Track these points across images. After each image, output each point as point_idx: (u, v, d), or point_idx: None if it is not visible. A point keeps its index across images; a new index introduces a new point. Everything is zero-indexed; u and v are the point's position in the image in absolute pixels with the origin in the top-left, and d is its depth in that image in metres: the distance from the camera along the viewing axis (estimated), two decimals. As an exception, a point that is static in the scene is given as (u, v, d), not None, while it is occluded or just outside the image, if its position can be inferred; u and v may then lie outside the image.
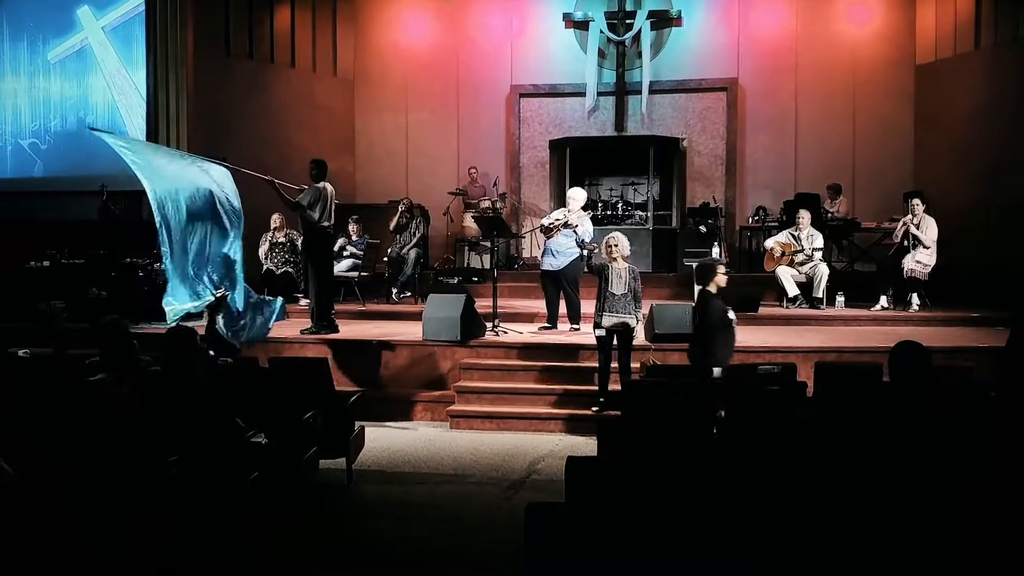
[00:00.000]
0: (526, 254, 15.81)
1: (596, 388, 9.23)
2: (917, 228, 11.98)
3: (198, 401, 5.58)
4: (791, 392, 6.41)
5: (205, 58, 14.18)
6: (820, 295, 12.20)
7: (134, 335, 6.44)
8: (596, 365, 9.22)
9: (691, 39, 16.12)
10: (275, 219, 13.05)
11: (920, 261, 11.93)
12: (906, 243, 12.06)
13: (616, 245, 8.98)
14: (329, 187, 10.47)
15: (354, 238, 13.43)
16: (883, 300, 12.10)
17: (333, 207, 10.56)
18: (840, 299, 12.26)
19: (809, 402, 6.42)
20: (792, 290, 12.31)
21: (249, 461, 5.54)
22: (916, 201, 12.19)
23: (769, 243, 12.94)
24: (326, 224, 10.45)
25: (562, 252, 10.78)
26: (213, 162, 9.68)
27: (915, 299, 12.00)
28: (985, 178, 13.94)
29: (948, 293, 12.45)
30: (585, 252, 10.46)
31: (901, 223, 12.28)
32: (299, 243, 12.07)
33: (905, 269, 11.98)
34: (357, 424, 7.72)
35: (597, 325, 8.98)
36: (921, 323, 11.44)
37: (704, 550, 3.53)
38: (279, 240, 13.21)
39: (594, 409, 9.14)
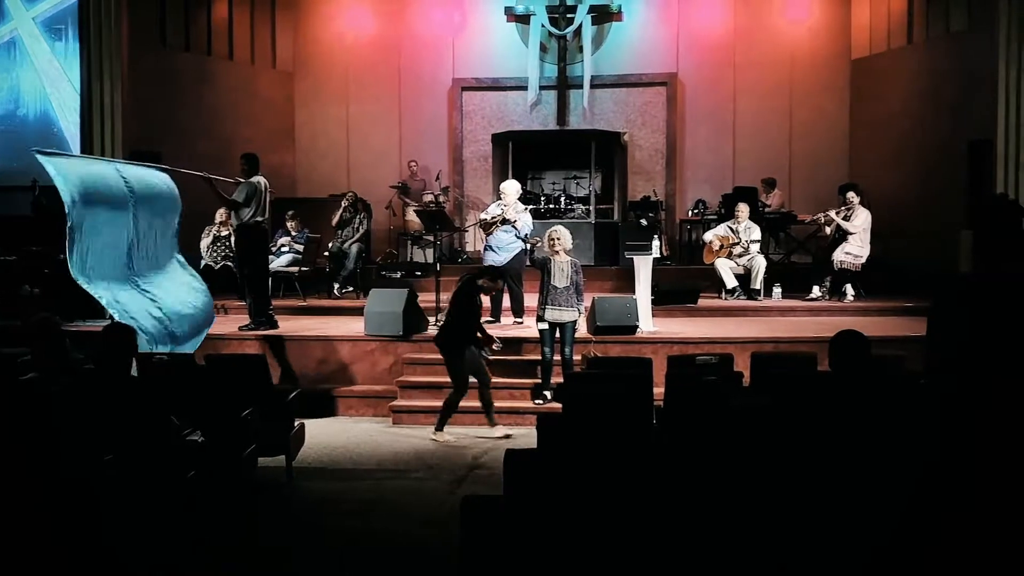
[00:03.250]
0: (470, 248, 15.80)
1: (539, 381, 9.28)
2: (847, 220, 12.21)
3: (133, 399, 5.49)
4: (728, 382, 6.50)
5: (140, 50, 13.94)
6: (757, 287, 12.40)
7: (67, 333, 6.31)
8: (539, 358, 9.26)
9: (631, 34, 16.21)
10: (220, 212, 12.89)
11: (850, 252, 12.16)
12: (837, 235, 12.30)
13: (559, 239, 9.01)
14: (263, 181, 10.37)
15: (293, 233, 13.31)
16: (816, 291, 12.33)
17: (268, 202, 10.45)
18: (777, 290, 12.46)
19: (745, 391, 6.51)
20: (730, 282, 12.48)
21: (186, 460, 5.47)
22: (851, 194, 12.41)
23: (708, 236, 13.09)
24: (260, 219, 10.34)
25: (504, 247, 10.78)
26: (146, 166, 9.48)
27: (849, 290, 12.25)
28: (918, 171, 14.22)
29: (883, 283, 12.70)
30: (527, 246, 10.49)
31: (823, 216, 12.51)
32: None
33: (835, 261, 12.20)
34: (297, 421, 7.66)
35: (540, 319, 9.04)
36: (855, 313, 11.66)
37: (642, 540, 3.55)
38: (222, 234, 13.06)
39: (537, 402, 9.20)
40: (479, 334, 8.69)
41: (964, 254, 12.28)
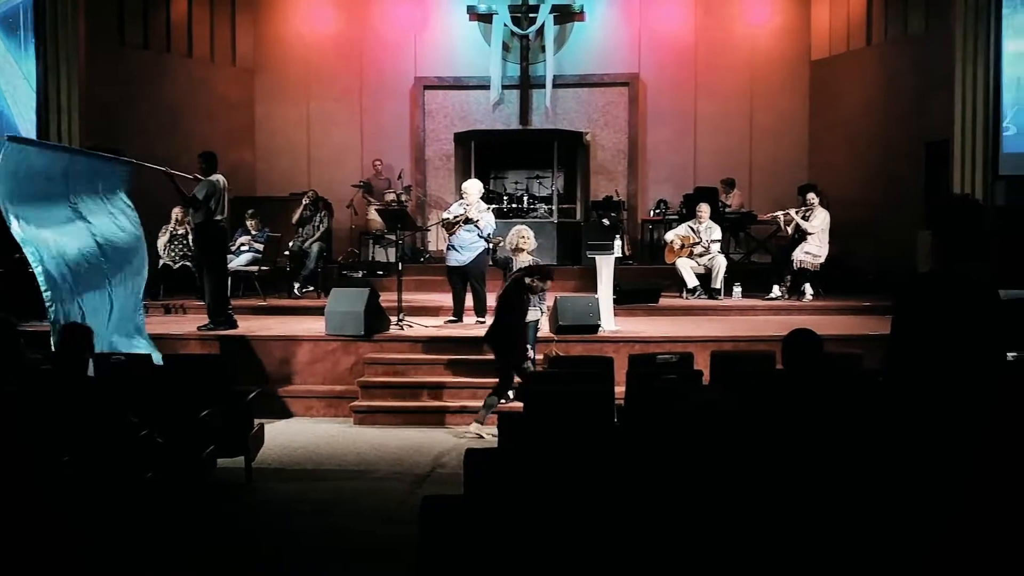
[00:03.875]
0: (432, 247, 15.76)
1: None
2: (806, 220, 12.33)
3: (90, 400, 5.43)
4: (688, 380, 6.55)
5: (98, 48, 13.75)
6: (718, 286, 12.50)
7: (23, 333, 6.23)
8: (502, 358, 9.26)
9: (594, 34, 16.25)
10: (177, 211, 12.77)
11: (809, 252, 12.29)
12: (796, 235, 12.42)
13: (525, 238, 9.04)
14: (222, 179, 10.28)
15: (253, 231, 13.20)
16: (776, 290, 12.44)
17: (226, 200, 10.37)
18: (737, 290, 12.56)
19: (704, 389, 6.56)
20: (691, 281, 12.56)
21: (144, 460, 5.41)
22: (811, 195, 12.53)
23: (669, 236, 13.16)
24: (219, 218, 10.26)
25: (466, 247, 10.78)
26: (107, 158, 9.36)
27: (808, 289, 12.37)
28: (877, 171, 14.38)
29: (841, 283, 12.84)
30: (489, 246, 10.49)
31: (783, 215, 12.63)
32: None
33: (795, 261, 12.32)
34: (256, 421, 7.60)
35: (502, 318, 9.02)
36: (814, 312, 11.77)
37: (601, 537, 3.56)
38: (180, 233, 12.94)
39: (500, 402, 9.17)
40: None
41: (922, 254, 12.44)
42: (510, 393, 9.07)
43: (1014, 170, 12.57)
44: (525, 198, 15.21)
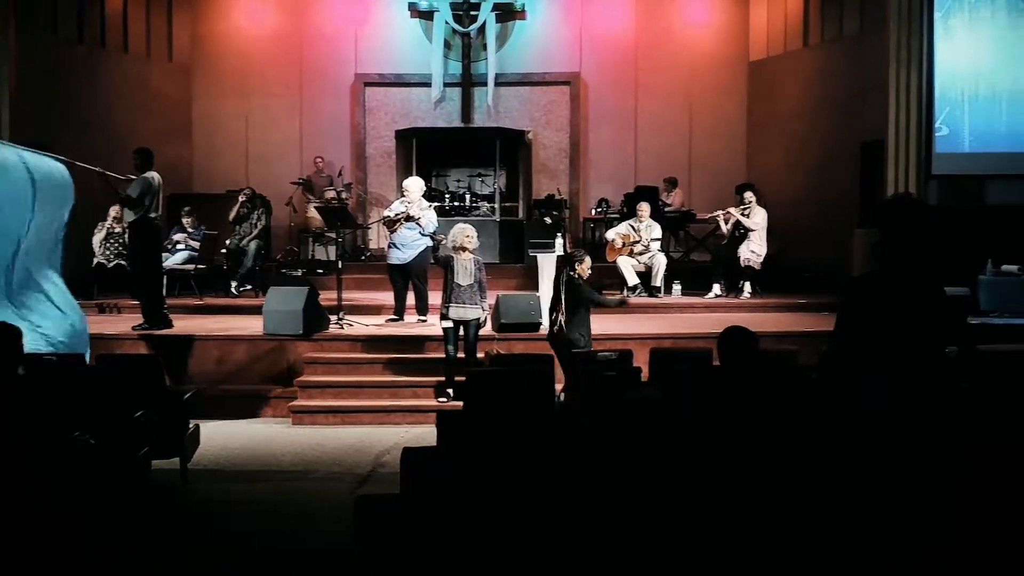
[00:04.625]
0: (373, 245, 15.65)
1: (443, 379, 9.25)
2: (746, 218, 12.47)
3: (20, 401, 5.29)
4: (627, 377, 6.58)
5: (30, 42, 13.40)
6: (658, 284, 12.60)
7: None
8: (443, 356, 9.22)
9: (535, 32, 16.27)
10: (114, 209, 12.54)
11: (753, 250, 12.43)
12: (737, 233, 12.55)
13: (468, 237, 9.01)
14: (157, 177, 10.12)
15: (189, 229, 13.00)
16: (716, 288, 12.56)
17: (161, 198, 10.22)
18: (677, 287, 12.67)
19: (642, 386, 6.61)
20: (632, 279, 12.63)
21: (76, 462, 5.30)
22: (749, 194, 12.67)
23: (610, 234, 13.22)
24: (154, 216, 10.10)
25: (408, 245, 10.73)
26: (42, 155, 9.12)
27: (747, 287, 12.52)
28: (813, 171, 14.58)
29: (778, 281, 13.00)
30: (432, 244, 10.45)
31: (723, 214, 12.76)
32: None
33: (742, 259, 12.45)
34: (192, 422, 7.48)
35: (444, 316, 9.01)
36: (752, 309, 11.91)
37: (539, 534, 3.56)
38: (116, 231, 12.72)
39: (441, 400, 9.17)
40: None
41: (857, 252, 12.64)
42: (450, 391, 9.07)
43: (946, 170, 12.83)
44: (467, 196, 15.19)
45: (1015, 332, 10.10)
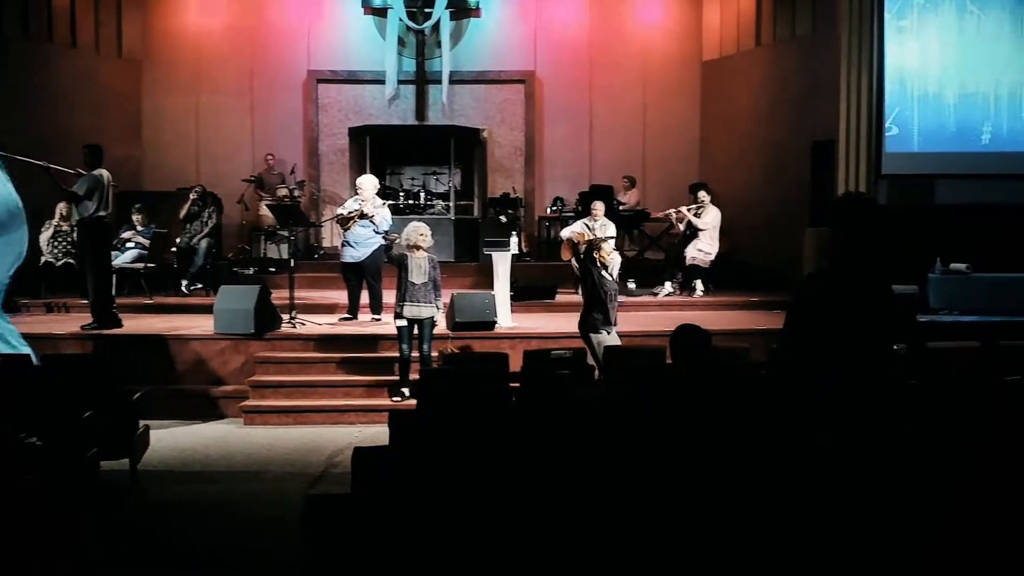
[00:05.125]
0: (327, 243, 15.55)
1: (397, 378, 9.21)
2: (697, 216, 12.55)
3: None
4: (580, 375, 6.59)
5: (-26, 35, 13.20)
6: (613, 282, 12.59)
7: None
8: (397, 355, 9.18)
9: (490, 31, 16.25)
10: (61, 206, 12.33)
11: (701, 249, 12.52)
12: (688, 232, 12.64)
13: (423, 235, 8.97)
14: (106, 174, 9.97)
15: (139, 227, 12.82)
16: (668, 286, 12.63)
17: (111, 195, 10.06)
18: (631, 285, 12.72)
19: (595, 383, 6.62)
20: (587, 278, 12.63)
21: (22, 464, 5.20)
22: (702, 193, 12.75)
23: (565, 233, 13.19)
24: (103, 214, 9.95)
25: (362, 243, 10.68)
26: None
27: (699, 285, 12.60)
28: (765, 169, 14.71)
29: (730, 279, 13.11)
30: (386, 242, 10.39)
31: (675, 212, 12.84)
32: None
33: (687, 257, 12.53)
34: (142, 423, 7.39)
35: (398, 315, 8.97)
36: (704, 307, 12.00)
37: (491, 533, 3.54)
38: (63, 229, 12.50)
39: (395, 399, 9.13)
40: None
41: (808, 251, 12.77)
42: (404, 390, 9.04)
43: (896, 170, 13.00)
44: (422, 194, 15.13)
45: (963, 330, 10.25)
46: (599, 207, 13.04)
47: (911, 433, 4.12)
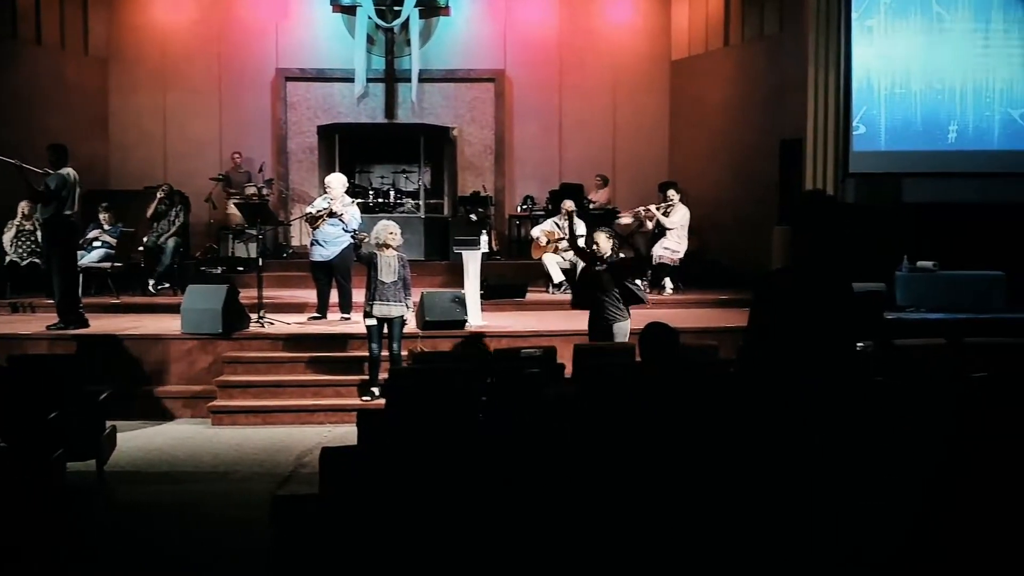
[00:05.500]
0: (295, 242, 15.47)
1: (367, 378, 9.18)
2: (666, 216, 12.61)
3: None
4: (550, 373, 6.59)
5: (-64, 32, 13.01)
6: (583, 281, 12.62)
7: None
8: (367, 354, 9.15)
9: (459, 29, 16.22)
10: (23, 205, 12.19)
11: (668, 247, 12.58)
12: (657, 230, 12.69)
13: (392, 234, 8.95)
14: (73, 173, 9.87)
15: (106, 226, 12.69)
16: (638, 284, 12.63)
17: (77, 194, 9.96)
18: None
19: (565, 381, 6.62)
20: (557, 276, 12.68)
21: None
22: (671, 192, 12.80)
23: (535, 232, 13.26)
24: (69, 213, 9.85)
25: (331, 242, 10.63)
26: None
27: (668, 283, 12.65)
28: (734, 168, 14.78)
29: (700, 277, 13.16)
30: (355, 241, 10.35)
31: (643, 210, 12.89)
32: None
33: (654, 256, 12.58)
34: (109, 423, 7.32)
35: (367, 314, 8.93)
36: (674, 305, 12.04)
37: (460, 532, 3.53)
38: (27, 228, 12.36)
39: (365, 399, 9.10)
40: None
41: (777, 248, 12.85)
42: (374, 390, 9.00)
43: (864, 168, 13.11)
44: (391, 193, 15.09)
45: (930, 327, 10.34)
46: (569, 205, 13.10)
47: (877, 429, 4.15)
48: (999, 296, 11.48)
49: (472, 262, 10.58)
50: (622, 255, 8.87)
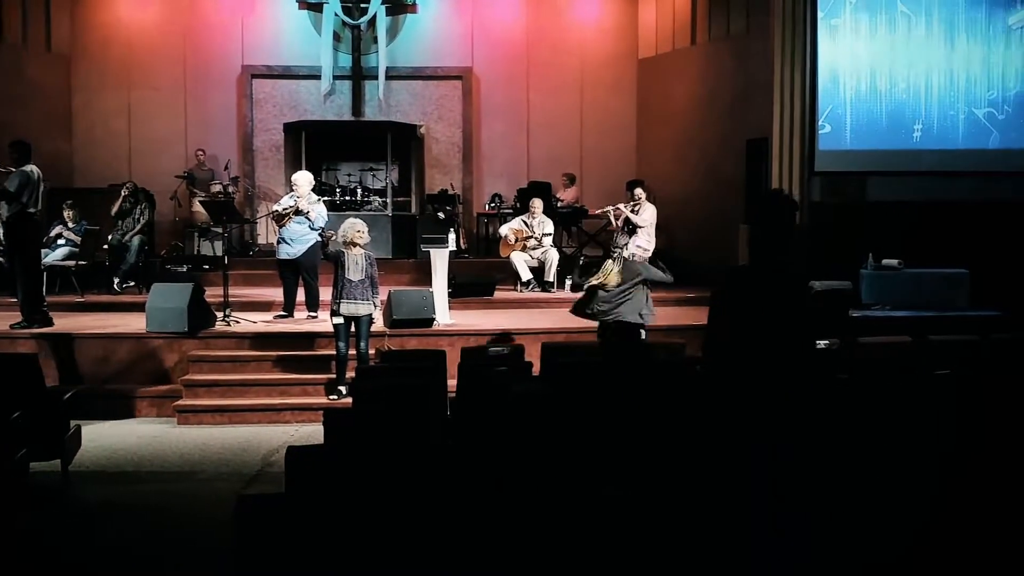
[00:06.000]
0: (262, 240, 15.39)
1: (334, 376, 9.14)
2: (634, 213, 12.64)
3: None
4: (518, 371, 6.59)
5: None
6: (551, 279, 12.69)
7: None
8: (334, 353, 9.11)
9: (426, 26, 16.19)
10: (-15, 203, 12.03)
11: (640, 246, 12.60)
12: (626, 228, 12.71)
13: (359, 232, 8.91)
14: (36, 170, 9.76)
15: (70, 224, 12.56)
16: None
17: (41, 192, 9.85)
18: (569, 282, 12.78)
19: (533, 379, 6.63)
20: (525, 274, 12.70)
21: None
22: (639, 190, 12.82)
23: (503, 230, 13.26)
24: (33, 211, 9.75)
25: (297, 239, 10.59)
26: None
27: (637, 281, 12.66)
28: (701, 167, 14.86)
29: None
30: (322, 239, 10.31)
31: (613, 209, 12.92)
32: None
33: (627, 254, 12.58)
34: (73, 423, 7.25)
35: (334, 313, 8.89)
36: (643, 303, 12.04)
37: (428, 532, 3.52)
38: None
39: (332, 398, 9.07)
40: None
41: (743, 247, 12.89)
42: (341, 388, 8.97)
43: (829, 167, 13.20)
44: (358, 190, 15.03)
45: (895, 324, 10.43)
46: (537, 204, 13.14)
47: (841, 427, 4.19)
48: (963, 294, 11.60)
49: (440, 260, 10.56)
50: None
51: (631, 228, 12.65)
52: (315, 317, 10.63)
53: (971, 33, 13.13)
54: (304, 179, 10.82)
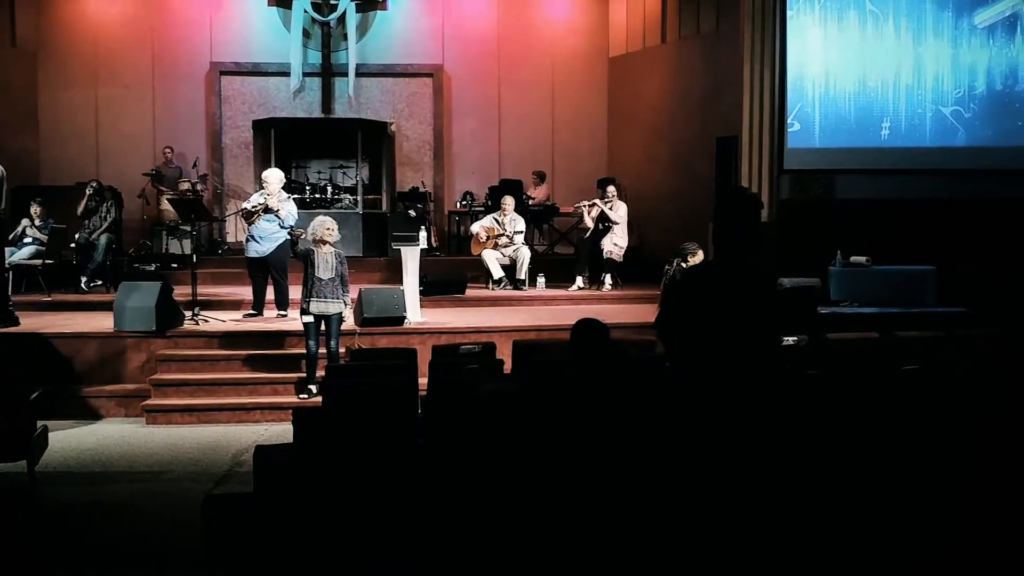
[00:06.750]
0: (231, 239, 15.28)
1: (304, 375, 9.09)
2: (610, 210, 12.69)
3: None
4: (489, 369, 6.59)
5: None
6: (522, 277, 12.69)
7: None
8: (304, 352, 9.06)
9: (397, 23, 16.14)
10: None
11: (616, 243, 12.66)
12: (600, 226, 12.76)
13: (329, 229, 8.87)
14: (1, 168, 9.64)
15: (37, 223, 12.42)
16: (579, 281, 12.76)
17: (5, 190, 9.73)
18: (541, 280, 12.80)
19: (504, 378, 6.63)
20: (497, 272, 12.70)
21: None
22: (611, 188, 12.89)
23: (475, 228, 13.26)
24: (-2, 209, 9.65)
25: (267, 237, 10.54)
26: None
27: (608, 279, 12.73)
28: (671, 165, 14.90)
29: (638, 273, 13.25)
30: (291, 237, 10.25)
31: (587, 206, 12.96)
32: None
33: (604, 251, 12.65)
34: (40, 423, 7.16)
35: (304, 311, 8.85)
36: (613, 301, 12.12)
37: (398, 531, 3.51)
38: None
39: (302, 397, 9.02)
40: None
41: (713, 245, 12.96)
42: (312, 388, 8.92)
43: (798, 165, 13.27)
44: (329, 188, 14.96)
45: (863, 321, 10.52)
46: (509, 202, 13.15)
47: (808, 422, 4.21)
48: (930, 291, 11.71)
49: (411, 258, 10.53)
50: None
51: (606, 226, 12.70)
52: (285, 316, 10.58)
53: (938, 32, 13.24)
54: (274, 176, 10.75)
